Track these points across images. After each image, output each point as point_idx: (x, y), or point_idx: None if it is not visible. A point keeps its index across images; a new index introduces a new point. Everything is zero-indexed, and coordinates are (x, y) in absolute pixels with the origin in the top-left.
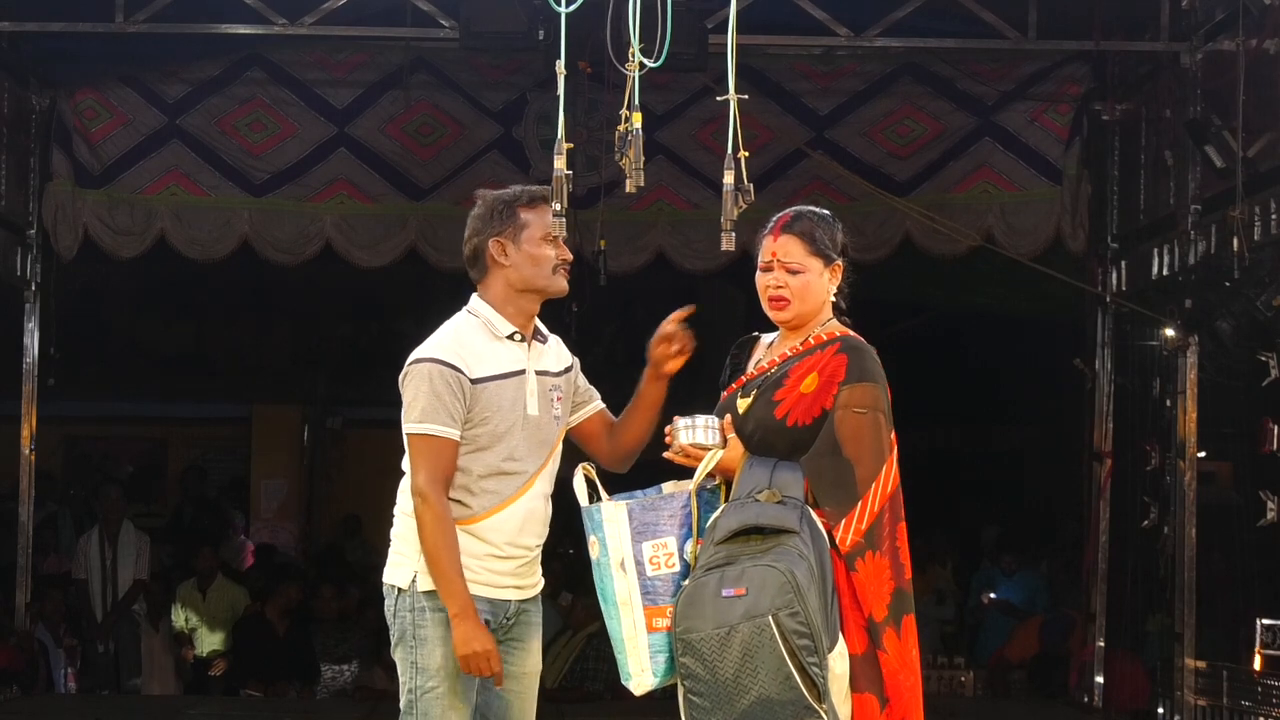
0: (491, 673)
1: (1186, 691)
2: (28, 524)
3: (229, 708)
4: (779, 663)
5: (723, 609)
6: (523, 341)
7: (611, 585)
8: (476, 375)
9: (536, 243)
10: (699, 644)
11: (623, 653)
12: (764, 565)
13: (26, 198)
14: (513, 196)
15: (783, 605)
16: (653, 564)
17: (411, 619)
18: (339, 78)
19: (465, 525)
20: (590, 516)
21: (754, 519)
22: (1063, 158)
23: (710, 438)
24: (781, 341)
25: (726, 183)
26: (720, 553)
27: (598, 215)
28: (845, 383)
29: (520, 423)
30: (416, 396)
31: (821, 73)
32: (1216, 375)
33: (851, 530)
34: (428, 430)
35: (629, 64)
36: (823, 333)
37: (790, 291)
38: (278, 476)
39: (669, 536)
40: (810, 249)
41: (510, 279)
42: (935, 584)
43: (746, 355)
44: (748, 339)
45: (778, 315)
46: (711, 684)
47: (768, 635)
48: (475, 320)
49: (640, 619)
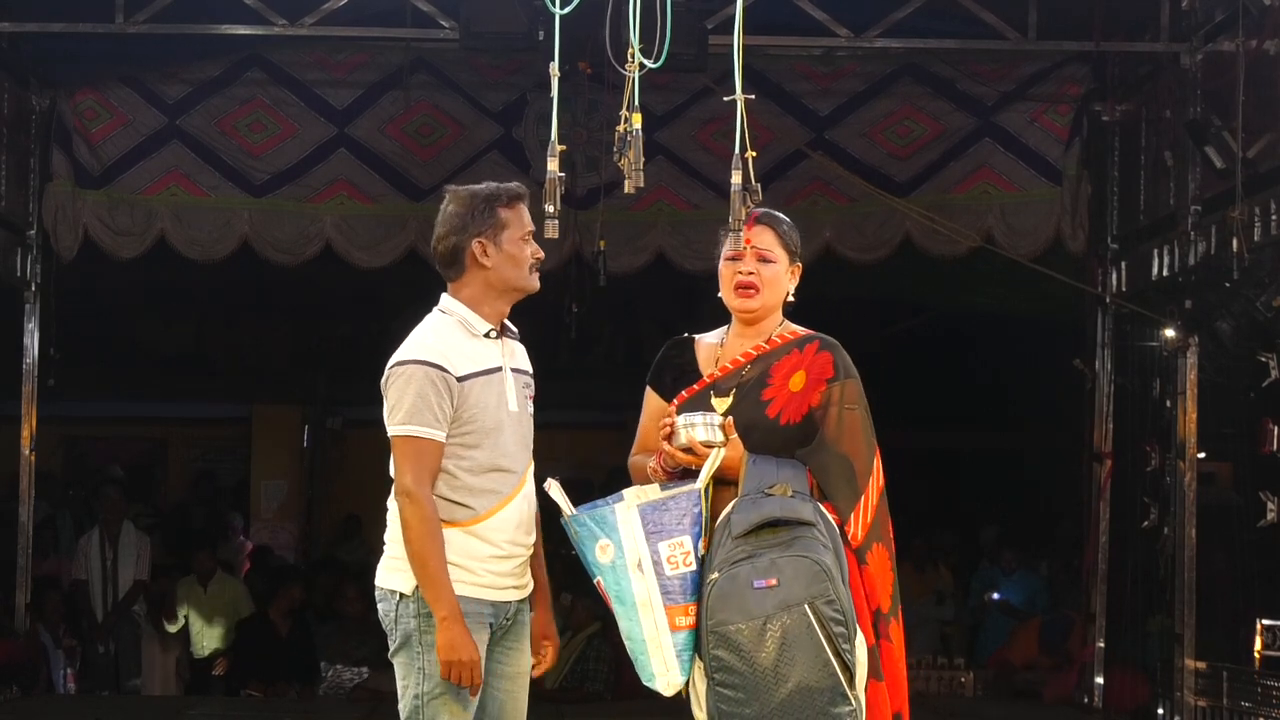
0: (470, 683)
1: (1186, 692)
2: (28, 524)
3: (229, 708)
4: (817, 650)
5: (756, 600)
6: (498, 339)
7: (629, 587)
8: (462, 373)
9: (516, 242)
10: (734, 636)
11: (644, 654)
12: (793, 555)
13: (26, 198)
14: (491, 195)
15: (818, 593)
16: (670, 563)
17: (417, 625)
18: (339, 78)
19: (469, 526)
20: (602, 520)
21: (776, 512)
22: (1063, 158)
23: (713, 435)
24: (737, 340)
25: (734, 182)
26: (741, 547)
27: (598, 216)
28: (834, 380)
29: (506, 419)
30: (401, 398)
31: (822, 73)
32: (1216, 375)
33: (860, 524)
34: (413, 431)
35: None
36: (785, 331)
37: (760, 279)
38: (278, 477)
39: (684, 535)
40: (780, 241)
41: (490, 280)
42: (935, 584)
43: (688, 356)
44: (683, 340)
45: (745, 303)
46: (749, 675)
47: (805, 623)
48: (450, 319)
49: (662, 619)
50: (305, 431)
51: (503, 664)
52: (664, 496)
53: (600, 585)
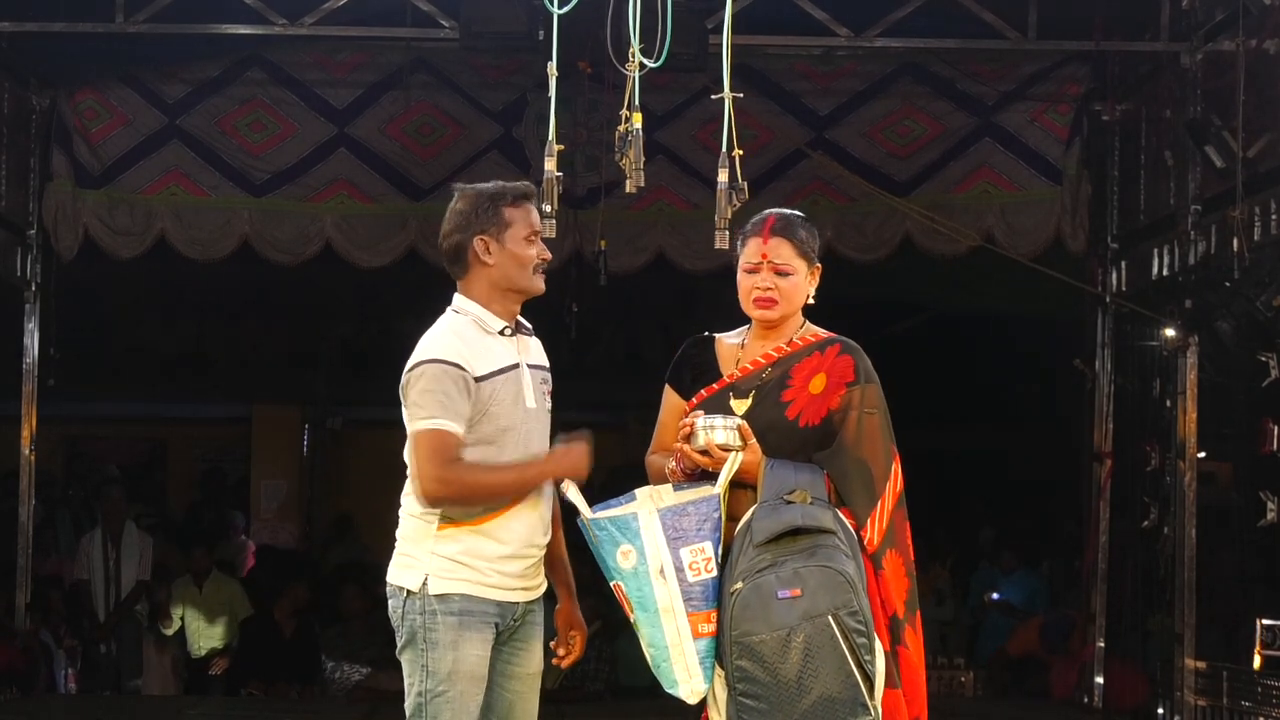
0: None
1: (1186, 691)
2: (28, 524)
3: (229, 707)
4: (840, 661)
5: (781, 611)
6: (512, 336)
7: (652, 593)
8: (480, 372)
9: (519, 242)
10: (759, 647)
11: (667, 661)
12: (816, 565)
13: (26, 198)
14: (497, 194)
15: (842, 604)
16: (692, 570)
17: (422, 621)
18: (339, 78)
19: (479, 525)
20: (625, 525)
21: (798, 520)
22: (1063, 158)
23: (732, 439)
24: (757, 341)
25: (721, 181)
26: (763, 556)
27: (598, 215)
28: (854, 384)
29: (524, 416)
30: (423, 397)
31: (821, 73)
32: (1216, 375)
33: (876, 530)
34: (437, 425)
35: (629, 64)
36: (807, 334)
37: (779, 293)
38: (278, 476)
39: (705, 541)
40: (798, 251)
41: (493, 278)
42: (935, 584)
43: (709, 355)
44: (704, 338)
45: (764, 315)
46: (772, 686)
47: (829, 634)
48: (465, 319)
49: (685, 626)
50: (305, 431)
51: (512, 664)
52: (683, 501)
53: (619, 589)
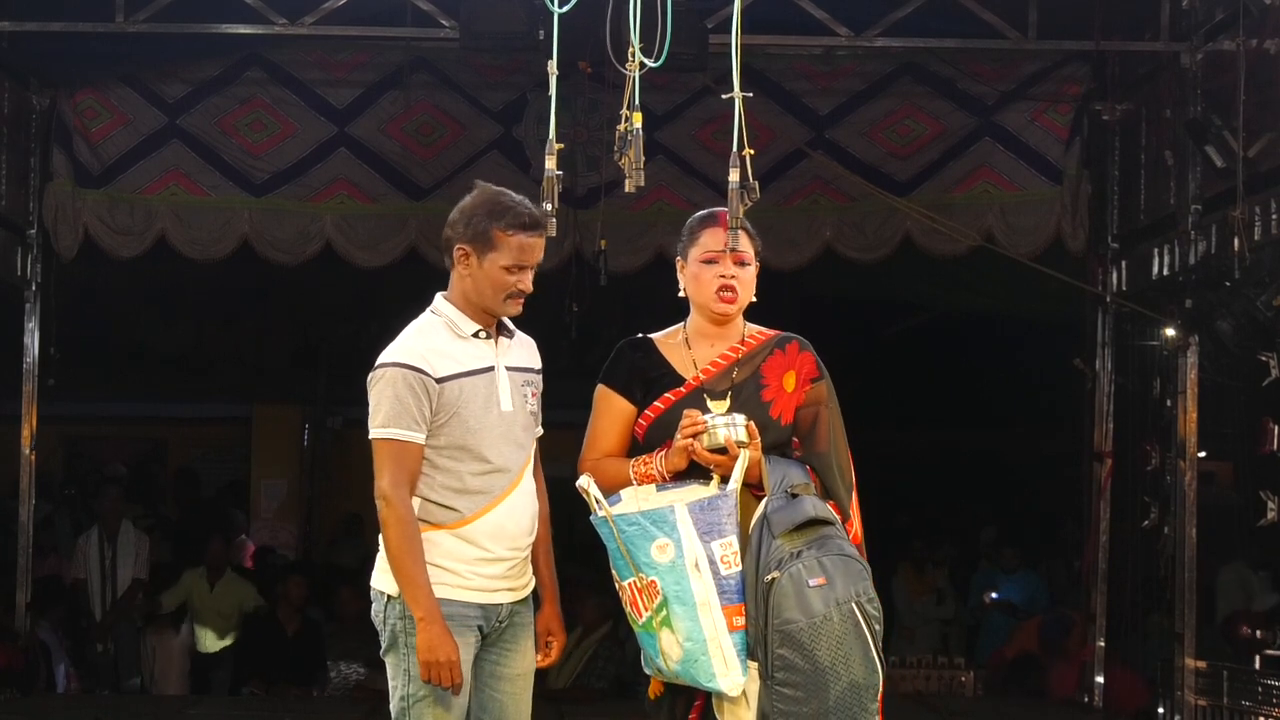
0: (451, 684)
1: (1186, 691)
2: (28, 524)
3: (230, 707)
4: (865, 647)
5: (813, 599)
6: (489, 339)
7: (689, 587)
8: (442, 374)
9: (497, 269)
10: (798, 634)
11: (705, 654)
12: (833, 555)
13: (26, 198)
14: (498, 211)
15: (861, 591)
16: (724, 563)
17: (403, 626)
18: (339, 78)
19: (456, 528)
20: (661, 519)
21: (811, 512)
22: (1063, 158)
23: (743, 436)
24: (704, 341)
25: (732, 180)
26: (784, 546)
27: (598, 215)
28: (818, 379)
29: (497, 419)
30: (380, 401)
31: (821, 72)
32: (1216, 375)
33: (858, 519)
34: (391, 435)
35: (629, 64)
36: (755, 332)
37: (740, 283)
38: (278, 476)
39: (732, 535)
40: (753, 244)
41: (466, 289)
42: (934, 584)
43: (655, 358)
44: (641, 340)
45: (725, 309)
46: (810, 674)
47: (854, 620)
48: (438, 320)
49: (720, 619)
50: (305, 431)
51: (501, 666)
52: (702, 496)
53: (637, 586)
